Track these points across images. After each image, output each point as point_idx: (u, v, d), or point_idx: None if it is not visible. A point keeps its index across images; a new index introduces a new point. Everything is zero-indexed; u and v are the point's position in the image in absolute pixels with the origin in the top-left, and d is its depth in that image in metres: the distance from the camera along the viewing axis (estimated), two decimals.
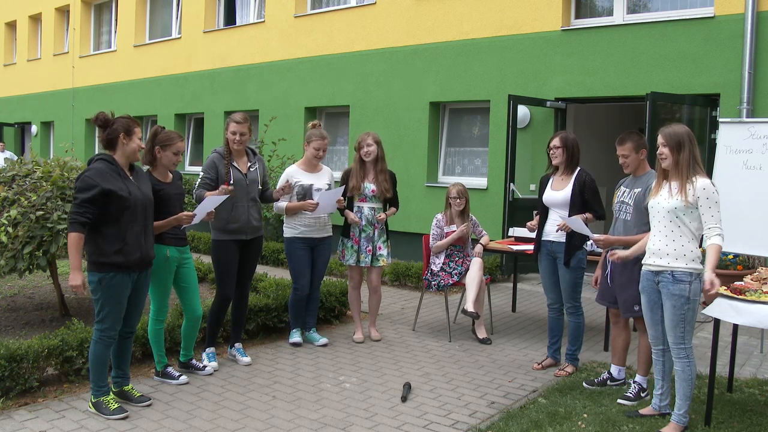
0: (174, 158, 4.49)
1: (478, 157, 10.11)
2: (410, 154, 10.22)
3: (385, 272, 8.30)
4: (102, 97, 15.95)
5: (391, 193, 5.76)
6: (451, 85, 9.88)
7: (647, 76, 8.10)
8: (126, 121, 3.98)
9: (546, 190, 5.05)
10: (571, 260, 4.89)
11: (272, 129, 11.11)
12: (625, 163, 4.46)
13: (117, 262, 3.88)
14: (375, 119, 10.59)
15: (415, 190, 10.09)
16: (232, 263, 5.05)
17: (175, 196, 4.54)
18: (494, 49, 9.40)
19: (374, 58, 10.74)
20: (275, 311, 5.88)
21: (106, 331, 3.99)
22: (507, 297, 7.72)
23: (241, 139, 4.99)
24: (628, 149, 4.43)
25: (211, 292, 7.32)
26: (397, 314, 6.94)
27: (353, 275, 5.92)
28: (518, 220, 7.97)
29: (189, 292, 4.70)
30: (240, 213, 5.01)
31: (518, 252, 6.29)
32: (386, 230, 5.86)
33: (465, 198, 6.15)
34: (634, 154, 4.44)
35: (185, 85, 13.95)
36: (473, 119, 10.25)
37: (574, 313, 5.02)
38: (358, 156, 5.74)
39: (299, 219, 5.56)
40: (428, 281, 6.12)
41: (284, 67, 12.04)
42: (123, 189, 3.89)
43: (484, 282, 6.01)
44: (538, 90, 8.93)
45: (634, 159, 4.44)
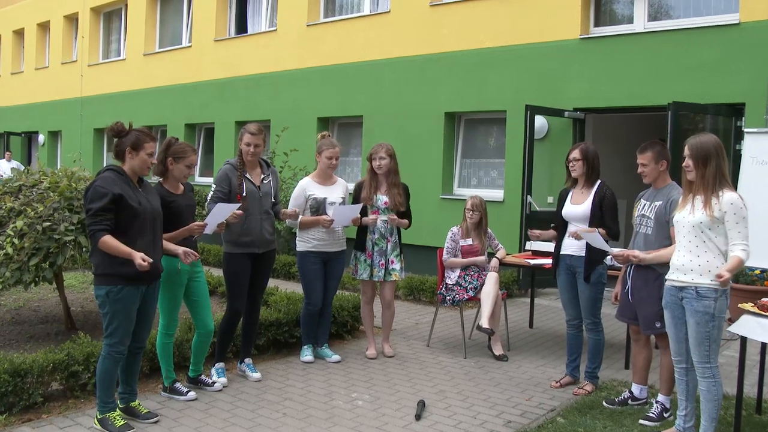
0: (186, 171, 4.53)
1: (494, 168, 10.10)
2: (424, 165, 10.23)
3: (398, 287, 8.29)
4: (111, 106, 16.10)
5: (404, 206, 5.76)
6: (466, 95, 9.89)
7: (669, 85, 8.08)
8: (137, 135, 3.99)
9: (565, 204, 5.04)
10: (591, 275, 4.87)
11: (284, 139, 11.16)
12: (643, 172, 4.46)
13: (126, 273, 3.89)
14: (388, 130, 10.62)
15: (429, 202, 10.09)
16: (244, 276, 5.06)
17: (186, 208, 4.57)
18: (511, 58, 9.41)
19: (388, 67, 10.79)
20: (286, 326, 5.88)
21: (115, 346, 4.00)
22: (524, 312, 7.67)
23: (255, 150, 5.02)
24: (647, 158, 4.42)
25: (221, 305, 7.33)
26: (411, 330, 6.92)
27: (366, 290, 5.92)
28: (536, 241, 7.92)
29: (200, 306, 4.72)
30: (253, 226, 5.02)
31: (536, 266, 6.27)
32: (399, 244, 5.86)
33: (480, 211, 6.14)
34: (653, 164, 4.43)
35: (195, 95, 14.07)
36: (489, 130, 10.25)
37: (594, 330, 4.99)
38: (371, 167, 5.75)
39: (312, 233, 5.57)
40: (443, 296, 6.11)
41: (296, 76, 12.12)
42: (132, 198, 3.92)
43: (500, 297, 5.99)
44: (556, 100, 8.92)
45: (653, 169, 4.43)
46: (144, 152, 3.99)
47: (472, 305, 7.51)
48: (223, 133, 13.45)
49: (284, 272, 9.76)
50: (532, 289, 7.28)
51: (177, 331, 4.93)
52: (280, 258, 9.82)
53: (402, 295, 8.45)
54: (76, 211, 5.52)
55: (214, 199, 4.96)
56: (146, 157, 4.01)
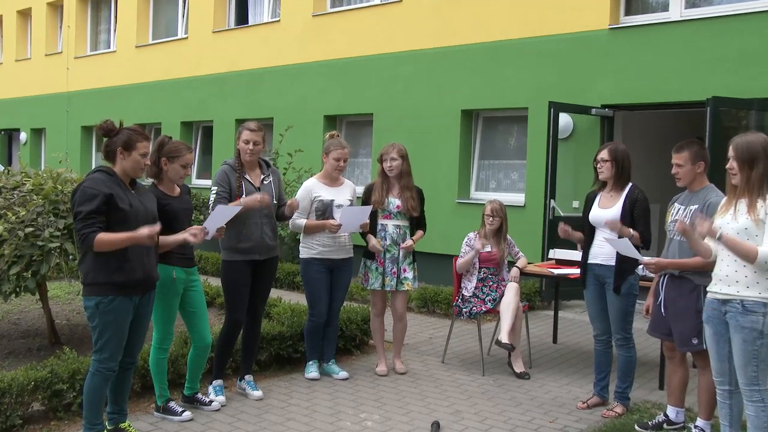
0: (182, 171, 4.54)
1: (514, 170, 10.07)
2: (439, 167, 10.22)
3: (411, 298, 8.29)
4: (99, 102, 16.13)
5: (418, 212, 5.77)
6: (484, 91, 9.88)
7: (708, 78, 8.02)
8: (129, 134, 3.99)
9: (592, 208, 5.03)
10: (621, 286, 4.84)
11: (288, 139, 11.18)
12: (677, 173, 4.43)
13: (117, 282, 3.89)
14: (400, 128, 10.62)
15: (444, 206, 10.07)
16: (244, 286, 5.05)
17: (182, 212, 4.57)
18: (533, 51, 9.39)
19: (400, 61, 10.79)
20: (290, 340, 5.88)
21: (105, 362, 3.98)
22: (547, 326, 7.65)
23: (254, 149, 5.03)
24: (683, 158, 4.39)
25: (219, 318, 7.33)
26: (425, 344, 6.91)
27: (376, 301, 5.92)
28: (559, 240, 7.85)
29: (197, 318, 4.72)
30: (253, 231, 5.02)
31: (560, 276, 6.25)
32: (413, 252, 5.86)
33: (500, 217, 6.16)
34: (689, 165, 4.39)
35: (192, 91, 14.13)
36: (509, 129, 10.21)
37: (625, 346, 4.96)
38: (381, 169, 5.76)
39: (317, 238, 5.57)
40: (459, 308, 6.11)
41: (301, 71, 12.15)
42: (124, 200, 3.92)
43: (521, 309, 5.98)
44: (582, 96, 8.88)
45: (689, 171, 4.40)
46: (137, 152, 3.99)
47: (490, 318, 7.52)
48: (222, 131, 13.50)
49: (288, 282, 9.76)
50: (556, 301, 7.25)
51: (172, 345, 4.93)
52: (283, 266, 9.81)
53: (415, 306, 8.45)
54: (62, 215, 5.51)
55: (218, 199, 4.94)
56: (139, 158, 4.00)
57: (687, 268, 4.26)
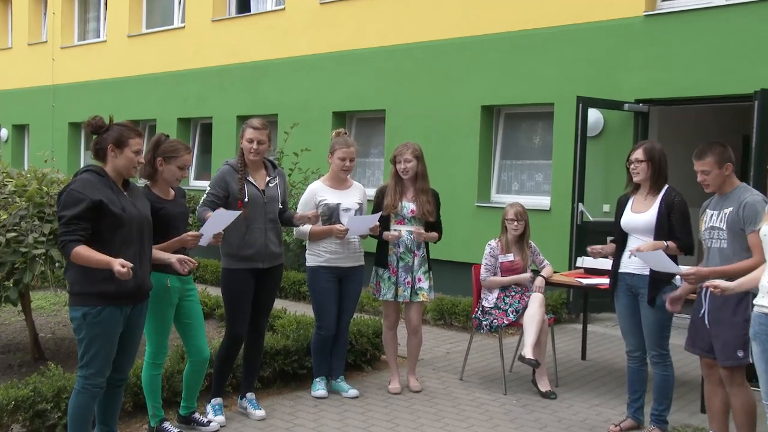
0: (178, 173, 4.55)
1: (539, 171, 10.04)
2: (458, 168, 10.21)
3: (426, 309, 8.28)
4: (88, 96, 16.17)
5: (434, 216, 5.77)
6: (506, 86, 9.86)
7: (754, 69, 7.93)
8: (120, 131, 4.00)
9: (625, 213, 5.00)
10: (656, 297, 4.80)
11: (294, 137, 11.19)
12: (705, 180, 4.43)
13: (106, 291, 3.88)
14: (416, 126, 10.62)
15: (463, 210, 10.06)
16: (246, 296, 5.06)
17: (177, 216, 4.58)
18: (559, 42, 9.37)
19: (415, 53, 10.79)
20: (295, 355, 5.88)
21: (91, 378, 3.97)
22: (575, 341, 7.63)
23: (258, 148, 5.04)
24: (709, 164, 4.39)
25: (218, 330, 7.36)
26: (442, 360, 6.91)
27: (389, 313, 5.92)
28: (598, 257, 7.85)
29: (193, 330, 4.72)
30: (256, 237, 5.03)
31: (589, 286, 6.22)
32: (428, 259, 5.86)
33: (524, 221, 6.15)
34: (716, 170, 4.39)
35: (190, 84, 14.19)
36: (534, 126, 10.19)
37: (661, 364, 4.92)
38: (395, 170, 5.78)
39: (324, 245, 5.58)
40: (479, 320, 6.11)
41: (308, 63, 12.17)
42: (115, 204, 3.91)
43: (547, 322, 5.97)
44: (614, 90, 8.85)
45: (717, 176, 4.40)
46: (129, 150, 3.99)
47: (513, 332, 7.50)
48: (222, 129, 13.54)
49: (293, 291, 9.79)
50: (584, 314, 7.22)
51: (167, 360, 4.93)
52: (288, 275, 9.83)
53: (431, 319, 8.46)
54: (47, 219, 5.49)
55: (206, 203, 4.97)
56: (132, 156, 4.01)
57: (732, 275, 4.20)
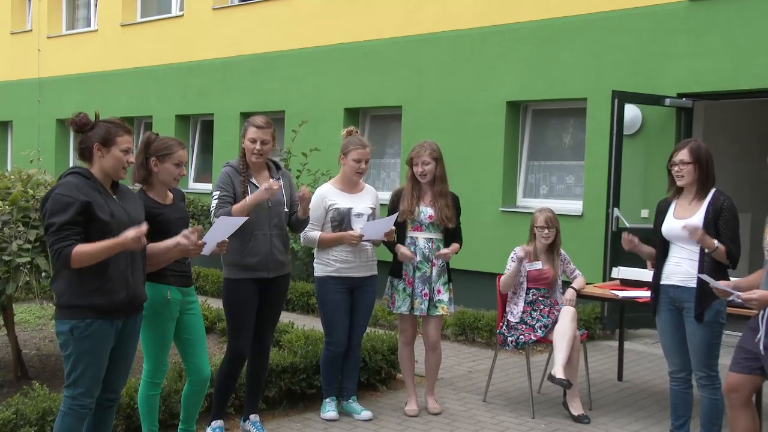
0: (176, 171, 4.53)
1: (570, 173, 10.02)
2: (481, 170, 10.20)
3: (446, 323, 8.28)
4: (78, 90, 16.23)
5: (453, 222, 5.77)
6: (534, 80, 9.84)
7: None
8: (107, 128, 3.98)
9: (666, 219, 4.97)
10: (704, 312, 4.76)
11: (302, 136, 11.20)
12: None
13: (96, 304, 3.87)
14: (434, 124, 10.62)
15: (486, 216, 10.05)
16: (249, 309, 5.06)
17: (176, 222, 4.56)
18: (592, 31, 9.34)
19: (434, 44, 10.79)
20: (303, 373, 5.89)
21: (79, 399, 3.94)
22: (611, 360, 7.60)
23: (262, 148, 5.05)
24: None
25: (220, 346, 7.38)
26: (463, 379, 6.91)
27: (405, 327, 5.92)
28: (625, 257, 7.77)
29: (194, 347, 4.70)
30: (260, 244, 5.03)
31: (626, 300, 6.19)
32: (448, 269, 5.86)
33: (555, 228, 6.15)
34: None
35: (189, 78, 14.24)
36: (564, 124, 10.17)
37: (709, 386, 4.88)
38: (411, 173, 5.78)
39: (335, 253, 5.58)
40: (504, 336, 6.10)
41: (318, 55, 12.19)
42: (103, 208, 3.90)
43: (579, 339, 5.96)
44: (654, 83, 8.81)
45: None
46: (117, 148, 3.97)
47: (541, 349, 7.51)
48: (224, 127, 13.58)
49: (301, 304, 9.80)
50: (621, 330, 7.18)
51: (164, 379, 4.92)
52: (295, 285, 9.85)
53: (451, 334, 8.46)
54: (33, 225, 5.50)
55: (222, 204, 4.96)
56: (120, 155, 3.99)
57: None
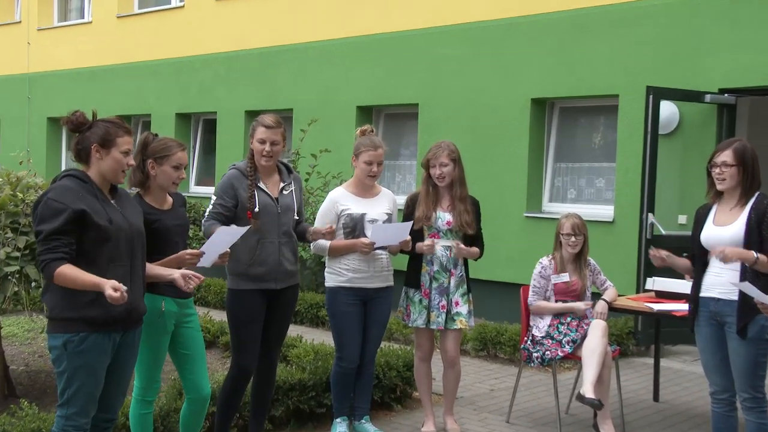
0: (174, 174, 4.53)
1: (600, 175, 10.00)
2: (503, 172, 10.20)
3: (466, 338, 8.27)
4: (70, 87, 16.29)
5: (473, 228, 5.77)
6: (562, 75, 9.82)
7: None
8: (106, 128, 3.98)
9: (706, 226, 4.94)
10: (748, 327, 4.71)
11: (311, 136, 11.20)
12: None
13: (91, 317, 3.87)
14: (453, 123, 10.62)
15: (509, 222, 10.04)
16: (255, 321, 5.07)
17: (175, 229, 4.58)
18: (625, 20, 9.31)
19: (453, 37, 10.79)
20: (312, 390, 5.90)
21: (73, 419, 3.94)
22: (645, 379, 7.59)
23: (272, 150, 5.05)
24: None
25: (223, 362, 7.40)
26: (484, 398, 6.91)
27: (422, 342, 5.91)
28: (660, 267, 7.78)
29: (192, 363, 4.70)
30: (268, 253, 5.04)
31: (662, 313, 6.16)
32: (467, 279, 5.85)
33: (583, 236, 6.13)
34: None
35: (191, 74, 14.29)
36: (594, 122, 10.16)
37: (755, 409, 4.82)
38: (427, 176, 5.79)
39: (347, 262, 5.58)
40: (528, 352, 6.10)
41: (328, 49, 12.21)
42: (100, 214, 3.90)
43: (610, 355, 5.93)
44: (692, 78, 8.77)
45: None
46: (117, 150, 3.98)
47: (569, 366, 7.50)
48: (228, 125, 13.62)
49: (310, 316, 9.84)
50: (656, 346, 7.16)
51: (161, 397, 4.93)
52: (304, 296, 9.86)
53: (471, 349, 8.45)
54: (22, 231, 5.50)
55: (213, 216, 4.98)
56: (120, 157, 3.99)
57: None
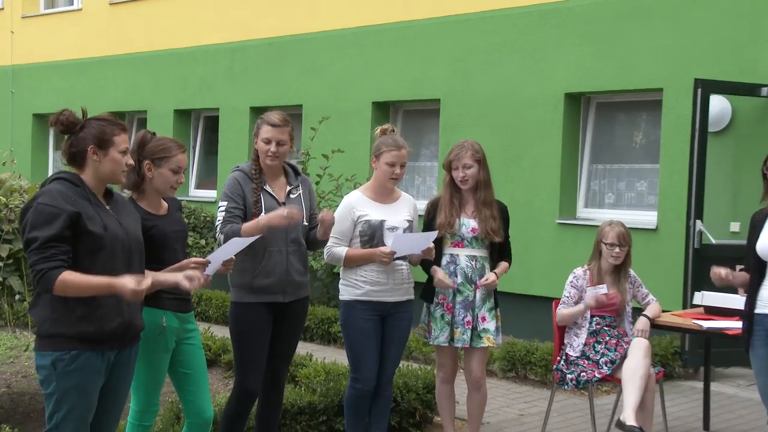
0: (172, 178, 4.55)
1: (642, 177, 9.97)
2: (533, 174, 10.19)
3: (492, 357, 8.28)
4: (58, 80, 16.34)
5: (501, 236, 5.76)
6: (599, 66, 9.81)
7: None
8: (101, 127, 3.96)
9: (762, 234, 4.93)
10: None
11: (322, 135, 11.21)
12: None
13: (84, 333, 3.86)
14: (478, 120, 10.61)
15: (540, 229, 10.03)
16: (261, 338, 5.09)
17: (173, 235, 4.59)
18: (671, 6, 9.29)
19: (478, 26, 10.79)
20: (324, 414, 5.91)
21: None
22: (694, 405, 7.55)
23: (278, 150, 5.06)
24: None
25: (225, 382, 7.42)
26: (513, 424, 6.90)
27: (444, 361, 5.91)
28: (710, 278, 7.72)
29: (193, 383, 4.72)
30: (275, 262, 5.05)
31: (712, 331, 6.13)
32: (495, 292, 5.84)
33: (628, 246, 6.12)
34: None
35: (191, 67, 14.34)
36: (635, 119, 10.15)
37: None
38: (450, 179, 5.79)
39: (364, 273, 5.56)
40: (561, 373, 6.10)
41: (340, 40, 12.23)
42: (95, 220, 3.89)
43: (654, 378, 5.91)
44: (746, 70, 8.74)
45: None
46: (115, 150, 3.96)
47: (608, 389, 7.48)
48: (231, 123, 13.66)
49: (321, 332, 9.84)
50: (706, 369, 7.12)
51: (158, 420, 4.93)
52: (315, 311, 9.87)
53: (498, 370, 8.44)
54: (5, 239, 5.54)
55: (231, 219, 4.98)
56: (119, 157, 3.98)
57: None
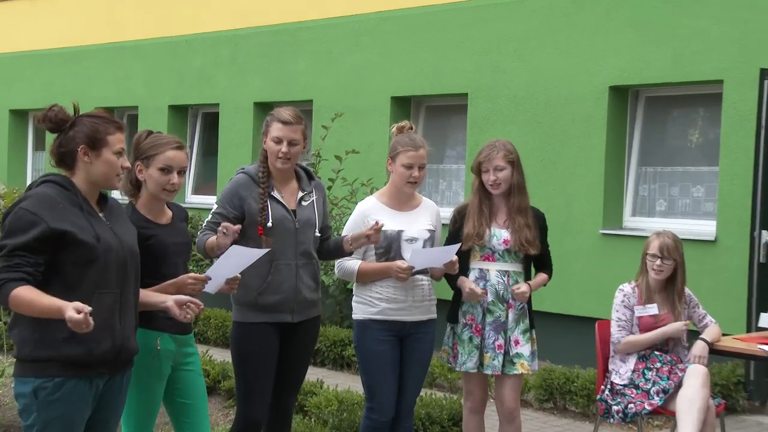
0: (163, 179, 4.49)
1: (699, 182, 9.95)
2: (573, 178, 10.18)
3: (527, 385, 8.25)
4: (42, 72, 16.42)
5: (538, 247, 5.76)
6: (649, 56, 9.78)
7: None
8: (94, 125, 3.97)
9: None
10: None
11: (335, 133, 11.24)
12: None
13: (70, 357, 3.86)
14: (512, 117, 10.62)
15: (580, 241, 10.02)
16: (266, 363, 5.10)
17: (174, 247, 4.60)
18: None
19: (509, 11, 10.80)
20: None
21: None
22: None
23: (290, 151, 5.08)
24: None
25: (225, 412, 7.42)
26: None
27: (472, 389, 5.91)
28: None
29: (192, 414, 4.73)
30: (283, 278, 5.07)
31: None
32: (529, 312, 5.83)
33: (674, 260, 6.09)
34: None
35: (187, 57, 14.39)
36: (690, 115, 10.15)
37: None
38: (479, 183, 5.79)
39: (380, 289, 5.57)
40: (606, 404, 6.08)
41: (356, 27, 12.25)
42: (86, 230, 3.89)
43: (714, 411, 5.90)
44: None
45: None
46: (109, 150, 3.96)
47: (660, 423, 7.48)
48: (233, 121, 13.68)
49: (333, 356, 9.84)
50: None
51: None
52: (326, 332, 9.88)
53: (534, 399, 8.45)
54: None
55: (211, 225, 5.00)
56: (113, 158, 3.98)
57: None
